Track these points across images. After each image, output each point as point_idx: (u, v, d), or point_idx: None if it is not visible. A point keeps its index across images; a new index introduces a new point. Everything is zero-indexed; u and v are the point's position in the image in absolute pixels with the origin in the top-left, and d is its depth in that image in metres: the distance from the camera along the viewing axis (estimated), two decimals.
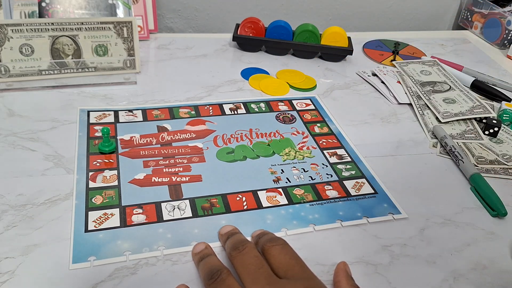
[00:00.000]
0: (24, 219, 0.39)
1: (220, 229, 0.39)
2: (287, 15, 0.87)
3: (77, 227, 0.38)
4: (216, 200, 0.43)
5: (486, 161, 0.52)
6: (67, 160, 0.46)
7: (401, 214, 0.43)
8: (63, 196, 0.41)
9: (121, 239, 0.38)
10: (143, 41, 0.71)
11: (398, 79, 0.67)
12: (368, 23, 0.94)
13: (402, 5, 0.93)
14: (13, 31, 0.54)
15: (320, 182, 0.46)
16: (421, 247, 0.40)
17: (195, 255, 0.36)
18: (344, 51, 0.71)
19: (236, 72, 0.66)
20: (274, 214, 0.42)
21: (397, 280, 0.37)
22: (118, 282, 0.34)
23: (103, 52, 0.59)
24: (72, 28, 0.57)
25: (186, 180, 0.45)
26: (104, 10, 0.63)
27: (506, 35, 0.83)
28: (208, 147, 0.50)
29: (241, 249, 0.35)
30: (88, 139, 0.49)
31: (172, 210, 0.41)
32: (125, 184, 0.43)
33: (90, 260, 0.36)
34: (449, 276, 0.38)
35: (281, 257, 0.34)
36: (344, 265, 0.36)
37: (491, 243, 0.42)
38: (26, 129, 0.49)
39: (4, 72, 0.56)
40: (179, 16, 0.85)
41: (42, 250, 0.36)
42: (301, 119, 0.56)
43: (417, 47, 0.80)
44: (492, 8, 0.86)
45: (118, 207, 0.41)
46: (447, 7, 0.97)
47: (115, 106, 0.55)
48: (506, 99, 0.65)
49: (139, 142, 0.49)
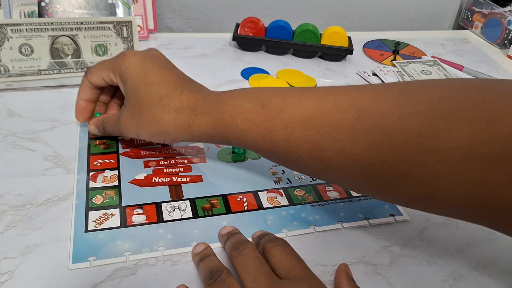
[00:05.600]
0: (23, 219, 0.39)
1: (221, 230, 0.39)
2: (287, 15, 0.87)
3: (77, 227, 0.38)
4: (217, 201, 0.42)
5: None
6: (67, 160, 0.46)
7: (403, 215, 0.43)
8: (63, 196, 0.41)
9: (121, 239, 0.38)
10: (143, 41, 0.71)
11: (398, 79, 0.67)
12: (368, 23, 0.94)
13: (402, 5, 0.93)
14: (12, 31, 0.54)
15: (321, 183, 0.46)
16: (422, 248, 0.40)
17: (195, 256, 0.36)
18: (344, 51, 0.71)
19: (236, 72, 0.66)
20: (274, 215, 0.42)
21: (397, 280, 0.37)
22: (118, 283, 0.34)
23: (103, 52, 0.59)
24: (71, 28, 0.56)
25: (186, 180, 0.44)
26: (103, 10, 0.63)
27: (506, 35, 0.83)
28: (208, 147, 0.49)
29: (242, 249, 0.34)
30: (89, 139, 0.49)
31: (172, 211, 0.41)
32: (125, 184, 0.43)
33: (90, 260, 0.36)
34: (450, 276, 0.38)
35: (282, 257, 0.34)
36: (345, 266, 0.36)
37: (492, 243, 0.41)
38: (25, 129, 0.49)
39: (4, 72, 0.56)
40: (179, 16, 0.85)
41: (41, 250, 0.36)
42: None
43: (417, 47, 0.80)
44: (493, 7, 0.86)
45: (118, 207, 0.41)
46: (448, 7, 0.97)
47: None
48: None
49: (139, 142, 0.49)
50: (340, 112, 0.32)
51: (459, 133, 0.26)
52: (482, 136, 0.26)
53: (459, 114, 0.27)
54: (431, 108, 0.28)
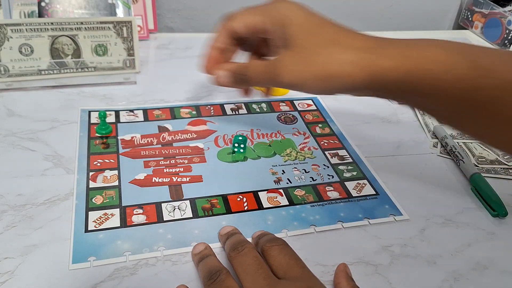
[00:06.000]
0: (23, 219, 0.39)
1: (220, 230, 0.39)
2: None
3: (77, 227, 0.38)
4: (217, 201, 0.42)
5: (487, 161, 0.52)
6: (67, 160, 0.46)
7: (403, 215, 0.43)
8: (63, 196, 0.41)
9: (121, 239, 0.38)
10: (142, 41, 0.71)
11: None
12: (368, 23, 0.94)
13: (402, 5, 0.93)
14: (12, 31, 0.54)
15: (321, 183, 0.46)
16: (422, 247, 0.40)
17: (195, 256, 0.36)
18: None
19: None
20: (274, 215, 0.42)
21: (397, 280, 0.37)
22: (118, 283, 0.34)
23: (103, 52, 0.59)
24: (71, 28, 0.56)
25: (186, 180, 0.44)
26: (103, 10, 0.63)
27: (506, 35, 0.83)
28: (209, 147, 0.49)
29: (241, 249, 0.34)
30: (89, 139, 0.48)
31: (172, 211, 0.41)
32: (125, 184, 0.43)
33: (90, 260, 0.36)
34: (450, 276, 0.38)
35: (280, 257, 0.34)
36: (345, 266, 0.36)
37: (492, 243, 0.41)
38: (25, 129, 0.49)
39: (4, 72, 0.56)
40: (179, 16, 0.85)
41: (41, 250, 0.36)
42: (303, 119, 0.56)
43: None
44: (493, 7, 0.86)
45: (118, 207, 0.41)
46: (448, 7, 0.96)
47: (114, 106, 0.55)
48: None
49: (140, 142, 0.49)
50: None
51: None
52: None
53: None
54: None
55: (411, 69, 0.33)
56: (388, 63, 0.33)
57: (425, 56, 0.33)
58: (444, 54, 0.33)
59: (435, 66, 0.32)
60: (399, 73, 0.33)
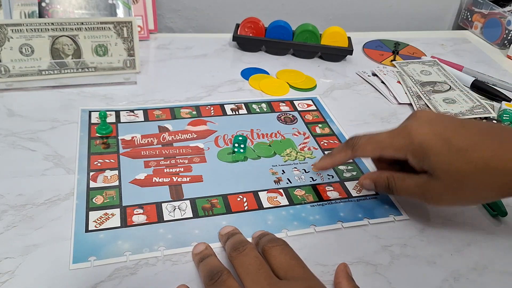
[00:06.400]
0: (24, 219, 0.39)
1: (221, 230, 0.39)
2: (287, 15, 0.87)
3: (78, 227, 0.38)
4: (217, 201, 0.42)
5: None
6: (67, 160, 0.46)
7: (402, 215, 0.43)
8: (63, 196, 0.41)
9: (121, 239, 0.38)
10: (143, 41, 0.71)
11: (398, 79, 0.67)
12: (368, 23, 0.94)
13: (402, 5, 0.93)
14: (13, 31, 0.54)
15: (321, 183, 0.46)
16: (422, 247, 0.40)
17: (196, 256, 0.36)
18: (344, 51, 0.71)
19: (236, 72, 0.66)
20: (274, 215, 0.42)
21: (397, 280, 0.37)
22: (118, 283, 0.34)
23: (103, 52, 0.59)
24: (72, 28, 0.56)
25: (187, 180, 0.45)
26: (104, 10, 0.63)
27: (506, 35, 0.83)
28: (209, 147, 0.50)
29: (241, 249, 0.34)
30: (89, 139, 0.49)
31: (172, 211, 0.41)
32: (126, 184, 0.43)
33: (90, 260, 0.36)
34: (450, 276, 0.38)
35: (281, 257, 0.34)
36: (345, 266, 0.36)
37: (491, 243, 0.42)
38: (26, 129, 0.49)
39: (4, 72, 0.56)
40: (179, 16, 0.85)
41: (42, 250, 0.36)
42: (303, 119, 0.56)
43: (417, 47, 0.80)
44: (492, 8, 0.86)
45: (118, 207, 0.41)
46: (447, 7, 0.97)
47: (115, 106, 0.55)
48: (506, 99, 0.65)
49: (140, 142, 0.49)
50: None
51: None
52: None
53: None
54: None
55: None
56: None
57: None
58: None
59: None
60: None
